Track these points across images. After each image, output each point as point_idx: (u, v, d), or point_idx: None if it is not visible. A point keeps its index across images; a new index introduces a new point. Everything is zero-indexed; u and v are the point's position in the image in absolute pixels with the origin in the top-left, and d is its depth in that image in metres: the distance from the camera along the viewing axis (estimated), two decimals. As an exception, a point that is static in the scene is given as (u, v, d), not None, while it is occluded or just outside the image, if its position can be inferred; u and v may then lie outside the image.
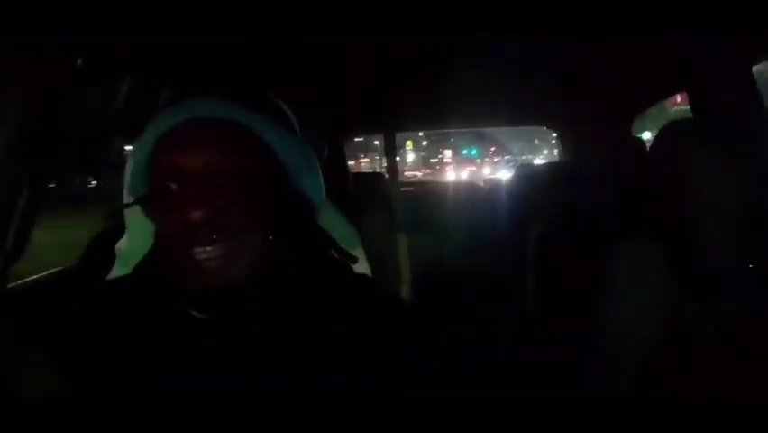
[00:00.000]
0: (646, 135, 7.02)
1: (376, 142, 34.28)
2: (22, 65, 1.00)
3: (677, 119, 1.26)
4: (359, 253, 1.07)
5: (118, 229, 1.04)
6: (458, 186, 4.20)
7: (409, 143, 36.63)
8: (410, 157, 36.84)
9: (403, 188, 2.68)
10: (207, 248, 0.69)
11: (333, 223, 0.96)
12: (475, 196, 3.20)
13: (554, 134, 3.50)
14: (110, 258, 1.04)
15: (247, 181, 0.72)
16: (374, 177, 2.66)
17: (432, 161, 38.12)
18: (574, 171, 2.28)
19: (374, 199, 2.07)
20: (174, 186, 0.71)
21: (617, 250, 1.20)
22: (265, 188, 0.74)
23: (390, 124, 2.52)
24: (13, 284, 1.06)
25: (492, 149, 35.72)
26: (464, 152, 36.21)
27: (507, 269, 2.23)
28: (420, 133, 35.66)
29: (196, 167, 0.70)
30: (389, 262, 1.88)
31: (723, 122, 1.25)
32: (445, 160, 36.99)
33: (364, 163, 28.29)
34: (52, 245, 3.73)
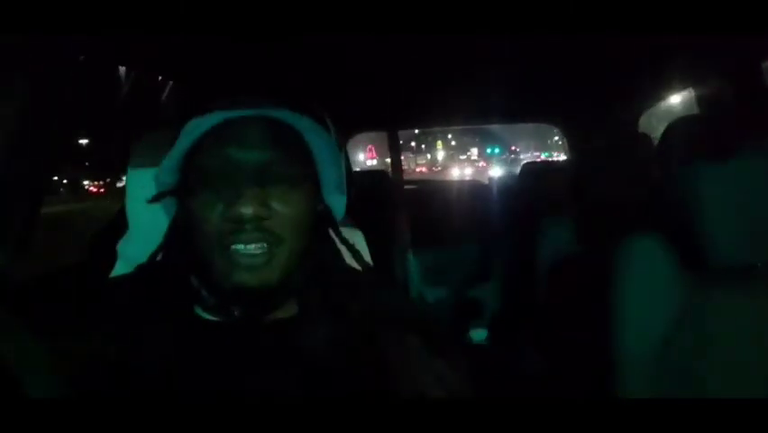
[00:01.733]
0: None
1: (413, 143, 35.16)
2: (23, 65, 0.92)
3: (683, 116, 1.19)
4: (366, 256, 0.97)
5: (119, 228, 0.94)
6: (462, 184, 3.99)
7: (439, 144, 37.66)
8: (441, 155, 37.49)
9: (406, 186, 2.55)
10: (252, 246, 0.62)
11: (350, 232, 0.85)
12: (479, 194, 2.99)
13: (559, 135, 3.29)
14: (112, 257, 0.94)
15: (295, 185, 0.65)
16: (377, 175, 2.51)
17: (461, 158, 38.69)
18: (579, 169, 2.11)
19: (377, 198, 1.96)
20: (225, 180, 0.63)
21: (625, 248, 1.08)
22: (306, 195, 0.67)
23: (392, 121, 2.39)
24: (15, 282, 0.97)
25: (513, 147, 35.92)
26: (488, 150, 36.54)
27: (514, 267, 2.11)
28: (449, 135, 36.34)
29: (253, 163, 0.63)
30: (391, 262, 1.78)
31: (728, 119, 1.18)
32: (472, 157, 37.68)
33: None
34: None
